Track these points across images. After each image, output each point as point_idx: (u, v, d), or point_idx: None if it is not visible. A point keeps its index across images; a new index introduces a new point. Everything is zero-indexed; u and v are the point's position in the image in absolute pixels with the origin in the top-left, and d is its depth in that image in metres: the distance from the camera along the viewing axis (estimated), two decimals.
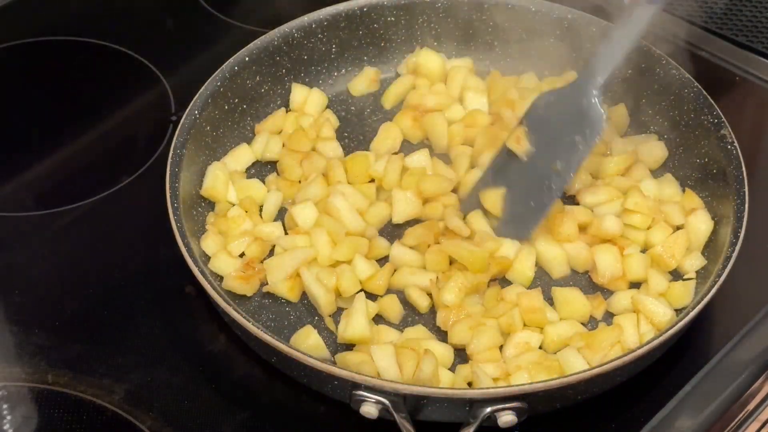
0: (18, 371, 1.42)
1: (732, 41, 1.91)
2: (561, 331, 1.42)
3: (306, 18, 1.75)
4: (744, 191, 1.47)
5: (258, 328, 1.31)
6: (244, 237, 1.52)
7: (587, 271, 1.52)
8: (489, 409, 1.24)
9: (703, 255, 1.49)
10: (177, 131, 1.55)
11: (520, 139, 1.54)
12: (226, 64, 1.66)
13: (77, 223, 1.62)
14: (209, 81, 1.63)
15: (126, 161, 1.72)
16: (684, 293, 1.46)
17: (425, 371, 1.32)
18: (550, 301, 1.47)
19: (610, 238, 1.52)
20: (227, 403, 1.39)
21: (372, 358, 1.35)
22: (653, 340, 1.31)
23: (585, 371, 1.28)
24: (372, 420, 1.26)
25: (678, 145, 1.65)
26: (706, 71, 1.75)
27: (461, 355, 1.42)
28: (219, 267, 1.49)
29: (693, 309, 1.34)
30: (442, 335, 1.44)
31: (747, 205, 1.45)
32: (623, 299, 1.46)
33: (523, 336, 1.41)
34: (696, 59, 1.83)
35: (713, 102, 1.59)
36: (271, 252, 1.53)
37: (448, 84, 1.77)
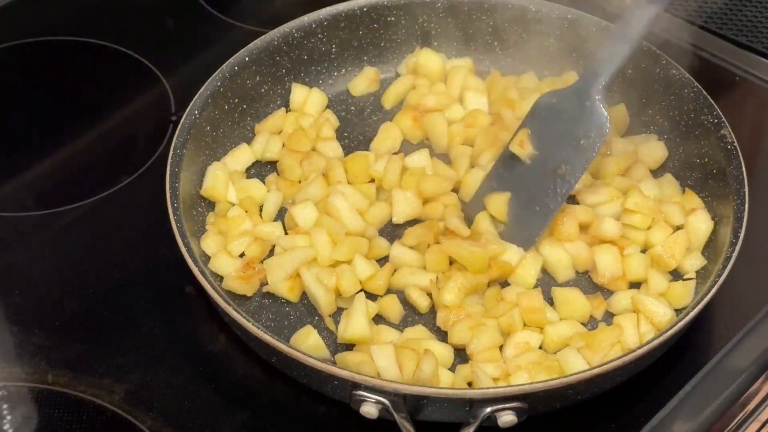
0: (18, 371, 1.42)
1: (732, 41, 1.90)
2: (561, 331, 1.42)
3: (306, 18, 1.75)
4: (744, 191, 1.47)
5: (258, 328, 1.31)
6: (244, 237, 1.52)
7: (587, 271, 1.52)
8: (489, 409, 1.24)
9: (703, 255, 1.49)
10: (177, 131, 1.55)
11: (523, 143, 1.52)
12: (226, 64, 1.66)
13: (77, 223, 1.62)
14: (209, 81, 1.63)
15: (126, 161, 1.72)
16: (684, 293, 1.46)
17: (425, 371, 1.32)
18: (550, 301, 1.47)
19: (609, 240, 1.52)
20: (227, 403, 1.39)
21: (372, 358, 1.35)
22: (653, 340, 1.31)
23: (585, 371, 1.28)
24: (372, 420, 1.26)
25: (678, 145, 1.65)
26: (706, 71, 1.75)
27: (461, 355, 1.42)
28: (219, 267, 1.49)
29: (693, 309, 1.34)
30: (442, 335, 1.44)
31: (747, 205, 1.45)
32: (623, 299, 1.46)
33: (523, 336, 1.41)
34: (696, 59, 1.82)
35: (713, 102, 1.59)
36: (271, 252, 1.53)
37: (448, 84, 1.77)
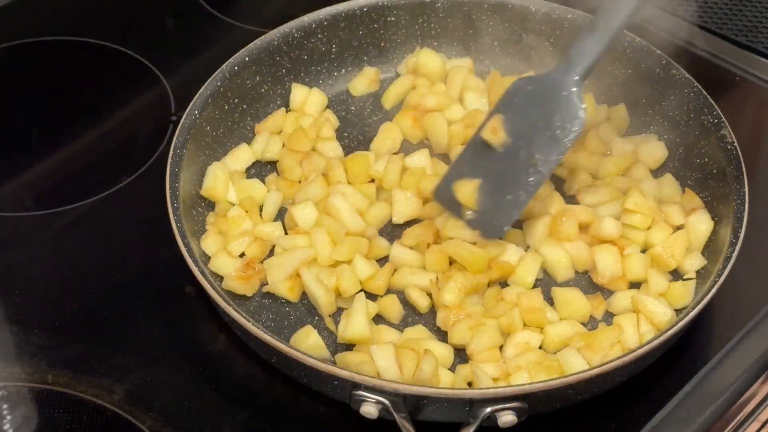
0: (18, 371, 1.42)
1: (732, 41, 1.90)
2: (561, 331, 1.42)
3: (306, 18, 1.75)
4: (744, 191, 1.47)
5: (258, 328, 1.31)
6: (244, 237, 1.52)
7: (587, 271, 1.52)
8: (489, 409, 1.24)
9: (703, 255, 1.49)
10: (177, 131, 1.55)
11: (496, 130, 1.47)
12: (226, 64, 1.66)
13: (77, 223, 1.62)
14: (209, 81, 1.63)
15: (126, 161, 1.72)
16: (684, 293, 1.45)
17: (425, 371, 1.32)
18: (550, 301, 1.47)
19: (609, 239, 1.52)
20: (227, 403, 1.39)
21: (372, 358, 1.35)
22: (653, 340, 1.31)
23: (585, 371, 1.28)
24: (372, 420, 1.26)
25: (678, 145, 1.65)
26: (706, 71, 1.75)
27: (461, 355, 1.42)
28: (219, 267, 1.49)
29: (693, 309, 1.34)
30: (442, 335, 1.44)
31: (747, 205, 1.45)
32: (623, 299, 1.46)
33: (523, 336, 1.41)
34: (696, 59, 1.83)
35: (713, 102, 1.58)
36: (271, 252, 1.53)
37: (448, 84, 1.77)
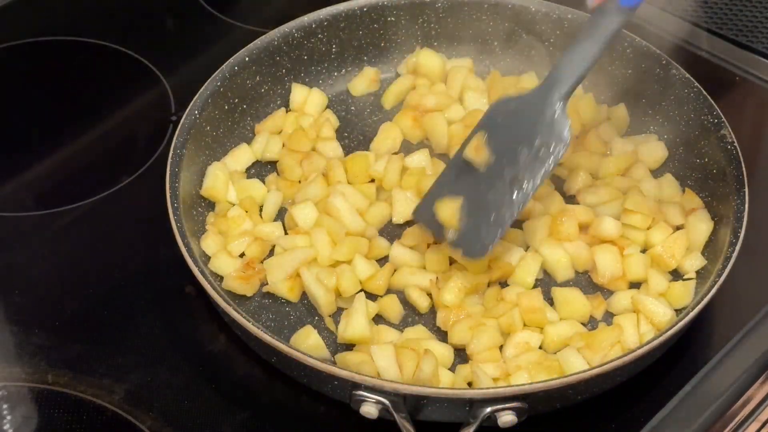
0: (18, 371, 1.42)
1: (732, 41, 1.90)
2: (561, 331, 1.42)
3: (306, 18, 1.75)
4: (744, 191, 1.47)
5: (258, 328, 1.31)
6: (244, 237, 1.52)
7: (587, 271, 1.52)
8: (489, 409, 1.24)
9: (703, 255, 1.49)
10: (177, 131, 1.55)
11: (479, 149, 1.45)
12: (226, 64, 1.66)
13: (77, 223, 1.62)
14: (209, 81, 1.63)
15: (126, 161, 1.72)
16: (684, 293, 1.45)
17: (425, 371, 1.32)
18: (550, 301, 1.47)
19: (609, 239, 1.52)
20: (227, 403, 1.39)
21: (372, 358, 1.35)
22: (653, 340, 1.31)
23: (585, 371, 1.28)
24: (372, 420, 1.26)
25: (678, 145, 1.65)
26: (706, 71, 1.75)
27: (461, 355, 1.41)
28: (219, 267, 1.49)
29: (693, 309, 1.34)
30: (442, 335, 1.44)
31: (747, 205, 1.45)
32: (623, 299, 1.46)
33: (523, 336, 1.41)
34: (696, 59, 1.83)
35: (713, 102, 1.58)
36: (271, 252, 1.53)
37: (448, 84, 1.77)
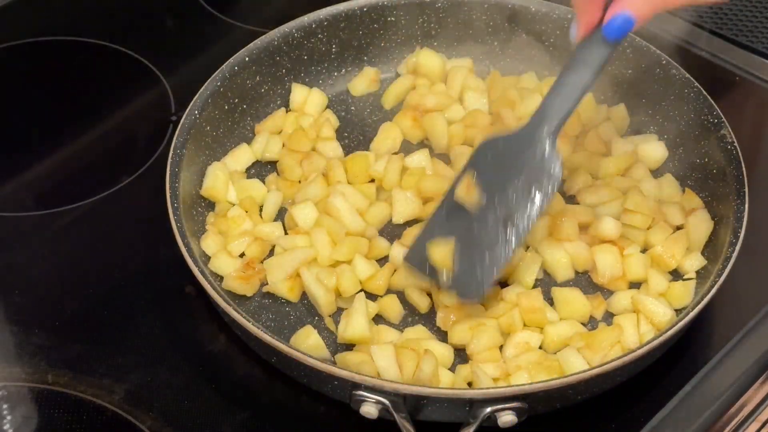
0: (18, 371, 1.41)
1: (732, 41, 1.90)
2: (561, 331, 1.42)
3: (306, 18, 1.75)
4: (744, 191, 1.46)
5: (258, 328, 1.31)
6: (244, 237, 1.52)
7: (587, 271, 1.52)
8: (489, 409, 1.24)
9: (703, 255, 1.49)
10: (177, 131, 1.55)
11: (469, 189, 1.43)
12: (226, 64, 1.66)
13: (77, 223, 1.62)
14: (209, 81, 1.63)
15: (126, 161, 1.72)
16: (684, 293, 1.45)
17: (425, 371, 1.32)
18: (550, 301, 1.47)
19: (609, 239, 1.52)
20: (227, 403, 1.39)
21: (372, 358, 1.35)
22: (653, 340, 1.31)
23: (585, 371, 1.28)
24: (372, 420, 1.26)
25: (678, 145, 1.65)
26: (706, 71, 1.75)
27: (461, 355, 1.41)
28: (219, 267, 1.49)
29: (693, 309, 1.34)
30: (442, 335, 1.44)
31: (747, 205, 1.44)
32: (623, 299, 1.46)
33: (523, 336, 1.41)
34: (696, 59, 1.83)
35: (713, 102, 1.58)
36: (271, 252, 1.53)
37: (448, 84, 1.77)
